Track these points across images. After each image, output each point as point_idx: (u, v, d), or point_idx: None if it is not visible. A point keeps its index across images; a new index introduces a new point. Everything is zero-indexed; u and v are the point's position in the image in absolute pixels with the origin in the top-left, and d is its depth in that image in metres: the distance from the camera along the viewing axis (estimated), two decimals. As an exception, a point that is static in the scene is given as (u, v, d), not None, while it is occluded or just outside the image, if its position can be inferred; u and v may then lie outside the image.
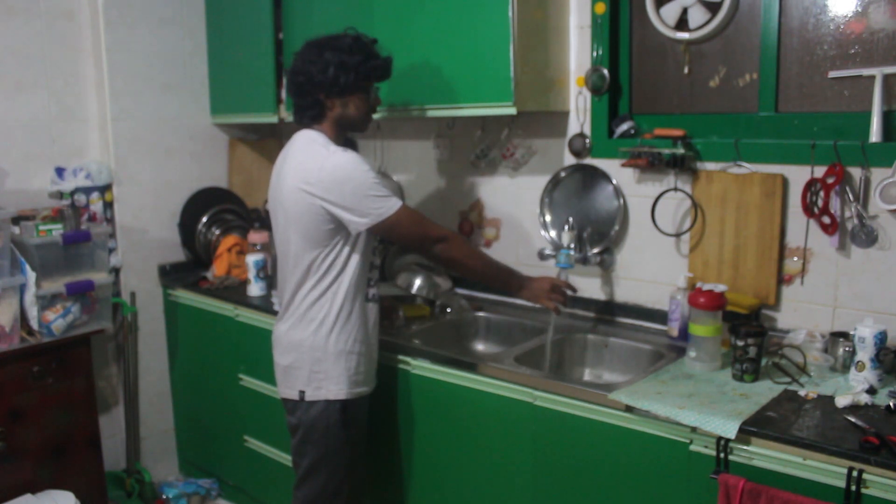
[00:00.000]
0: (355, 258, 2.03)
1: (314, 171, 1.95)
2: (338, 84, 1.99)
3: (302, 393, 2.06)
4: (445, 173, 2.88)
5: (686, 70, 2.32)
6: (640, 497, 1.80)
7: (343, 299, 2.03)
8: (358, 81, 2.02)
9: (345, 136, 2.15)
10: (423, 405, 2.22)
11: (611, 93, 2.41)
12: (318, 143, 2.01)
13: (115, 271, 2.96)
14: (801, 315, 2.10)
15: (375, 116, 2.22)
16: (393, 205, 1.97)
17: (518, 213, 2.68)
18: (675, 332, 2.21)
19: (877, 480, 1.45)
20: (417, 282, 2.62)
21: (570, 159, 2.52)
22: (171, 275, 3.13)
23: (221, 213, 3.20)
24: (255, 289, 2.79)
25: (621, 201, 2.39)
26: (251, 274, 2.79)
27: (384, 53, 2.11)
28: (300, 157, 2.01)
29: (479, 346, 2.60)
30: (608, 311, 2.48)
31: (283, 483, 2.57)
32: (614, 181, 2.40)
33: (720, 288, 1.98)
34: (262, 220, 3.20)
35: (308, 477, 2.11)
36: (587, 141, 2.46)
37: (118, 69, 2.93)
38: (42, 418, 2.53)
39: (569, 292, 2.23)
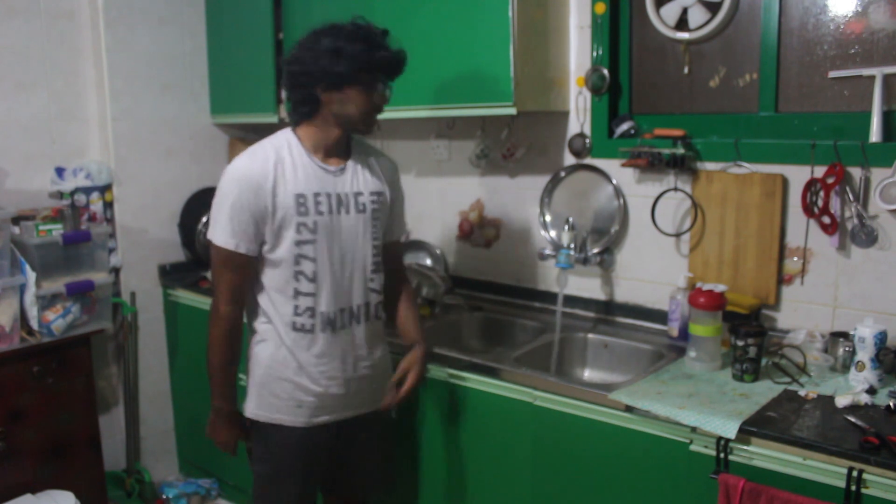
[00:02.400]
0: (266, 276, 1.86)
1: None
2: (333, 74, 1.75)
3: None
4: (445, 173, 2.88)
5: (686, 70, 2.32)
6: (640, 497, 1.80)
7: (259, 317, 1.91)
8: (356, 73, 1.76)
9: (342, 139, 1.89)
10: (423, 405, 2.22)
11: (611, 93, 2.41)
12: (262, 144, 1.85)
13: (115, 271, 2.95)
14: (801, 315, 2.10)
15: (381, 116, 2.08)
16: (213, 234, 1.81)
17: (518, 213, 2.68)
18: (675, 332, 2.21)
19: (877, 480, 1.46)
20: (417, 282, 2.62)
21: (570, 159, 2.52)
22: (171, 275, 3.13)
23: (221, 213, 3.20)
24: (255, 289, 2.78)
25: (621, 201, 2.39)
26: (251, 274, 2.78)
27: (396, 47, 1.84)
28: None
29: (479, 346, 2.60)
30: (608, 311, 2.48)
31: (283, 483, 2.57)
32: (614, 181, 2.40)
33: (720, 288, 1.98)
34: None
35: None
36: (587, 141, 2.46)
37: (118, 69, 2.92)
38: (42, 418, 2.53)
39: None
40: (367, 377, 1.97)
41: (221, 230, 1.79)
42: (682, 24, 2.25)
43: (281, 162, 1.81)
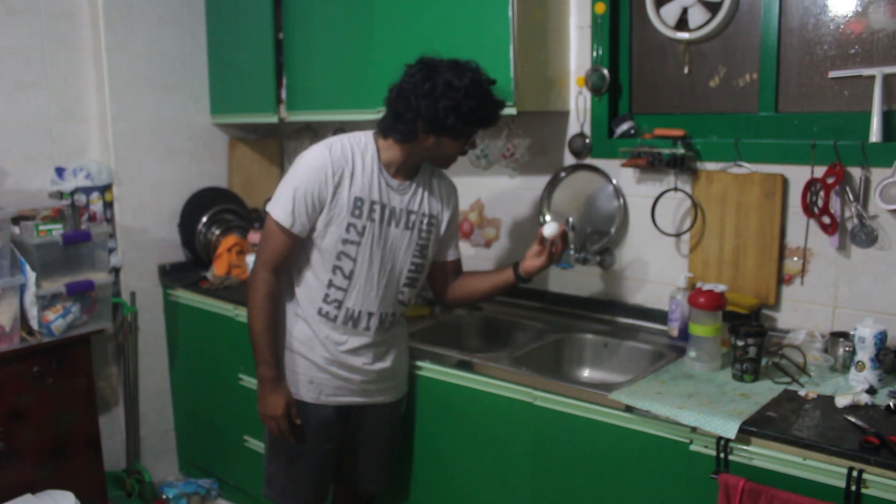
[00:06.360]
0: (310, 258, 1.97)
1: None
2: (443, 125, 1.85)
3: None
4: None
5: (686, 70, 2.32)
6: (640, 497, 1.80)
7: (289, 295, 2.04)
8: (464, 127, 1.88)
9: (417, 164, 2.01)
10: (423, 405, 2.22)
11: (611, 93, 2.41)
12: (342, 139, 1.95)
13: (115, 271, 2.95)
14: (801, 315, 2.11)
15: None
16: (274, 207, 1.92)
17: (518, 213, 2.68)
18: (675, 332, 2.21)
19: (877, 480, 1.46)
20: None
21: (570, 159, 2.52)
22: (171, 275, 3.13)
23: (221, 213, 3.20)
24: (255, 289, 2.78)
25: (621, 201, 2.39)
26: (251, 274, 2.78)
27: (483, 95, 1.89)
28: None
29: (480, 346, 2.60)
30: (608, 311, 2.48)
31: (283, 483, 2.56)
32: (614, 181, 2.40)
33: (720, 288, 1.98)
34: (261, 219, 3.20)
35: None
36: (587, 141, 2.46)
37: (118, 69, 2.92)
38: (42, 418, 2.53)
39: (297, 421, 2.02)
40: (381, 371, 2.07)
41: (282, 207, 1.90)
42: (682, 24, 2.26)
43: (353, 163, 1.92)
